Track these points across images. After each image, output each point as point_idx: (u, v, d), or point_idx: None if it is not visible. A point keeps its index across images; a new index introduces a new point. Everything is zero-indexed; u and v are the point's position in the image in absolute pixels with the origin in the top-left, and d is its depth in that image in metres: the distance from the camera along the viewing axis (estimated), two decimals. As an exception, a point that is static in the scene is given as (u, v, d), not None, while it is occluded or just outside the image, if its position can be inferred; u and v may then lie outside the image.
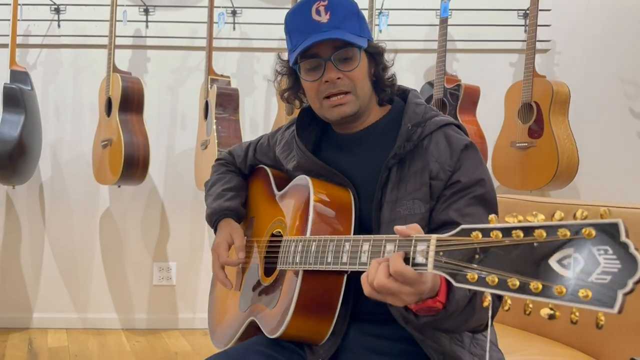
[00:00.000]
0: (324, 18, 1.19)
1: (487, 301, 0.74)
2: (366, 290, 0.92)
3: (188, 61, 3.21)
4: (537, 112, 2.81)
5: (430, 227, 1.15)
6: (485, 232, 0.72)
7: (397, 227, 0.91)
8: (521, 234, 0.68)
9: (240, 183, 1.54)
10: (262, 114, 3.23)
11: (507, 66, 3.22)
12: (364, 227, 1.21)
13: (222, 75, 2.98)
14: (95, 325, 3.22)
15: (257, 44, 3.16)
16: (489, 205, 1.15)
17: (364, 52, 1.22)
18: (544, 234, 0.66)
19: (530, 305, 0.69)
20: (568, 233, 0.64)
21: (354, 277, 1.18)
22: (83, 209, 3.24)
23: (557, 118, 2.80)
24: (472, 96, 2.93)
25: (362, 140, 1.27)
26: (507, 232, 0.70)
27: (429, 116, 1.22)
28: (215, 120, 2.83)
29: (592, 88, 3.17)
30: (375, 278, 0.90)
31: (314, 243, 1.13)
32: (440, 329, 1.08)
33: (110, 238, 3.25)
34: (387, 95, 1.29)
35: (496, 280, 0.70)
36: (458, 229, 0.76)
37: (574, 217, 0.65)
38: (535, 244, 0.67)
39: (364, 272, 0.96)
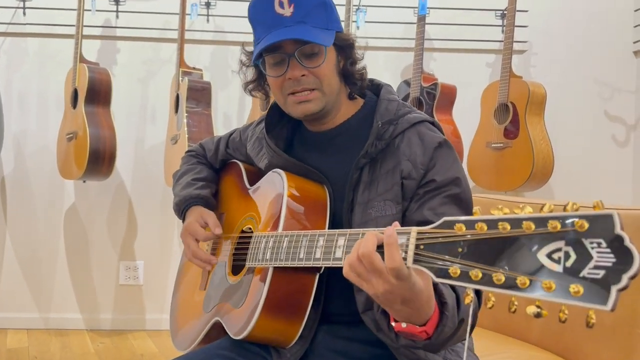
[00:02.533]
0: (287, 11, 1.12)
1: (470, 298, 0.68)
2: (344, 268, 0.86)
3: (160, 53, 3.12)
4: (513, 112, 2.80)
5: None
6: (470, 225, 0.67)
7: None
8: (508, 226, 0.63)
9: (212, 175, 1.47)
10: (235, 109, 3.15)
11: (484, 66, 3.21)
12: (335, 225, 1.15)
13: (194, 68, 2.90)
14: (57, 325, 3.09)
15: (231, 37, 3.09)
16: (464, 204, 1.10)
17: (333, 45, 1.16)
18: (533, 226, 0.61)
19: (516, 303, 0.64)
20: (558, 225, 0.59)
21: (325, 278, 1.13)
22: (47, 204, 3.12)
23: (533, 119, 2.79)
24: (448, 95, 2.91)
25: (333, 138, 1.22)
26: (492, 224, 0.64)
27: (401, 113, 1.16)
28: (185, 114, 2.74)
29: (568, 90, 3.19)
30: (351, 254, 0.84)
31: (286, 239, 1.07)
32: (415, 349, 1.03)
33: (75, 235, 3.13)
34: (358, 89, 1.22)
35: (480, 275, 0.65)
36: (440, 221, 0.71)
37: (565, 209, 0.60)
38: (522, 237, 0.62)
39: (334, 272, 0.91)
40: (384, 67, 3.10)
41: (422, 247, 0.74)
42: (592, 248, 0.55)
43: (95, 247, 3.14)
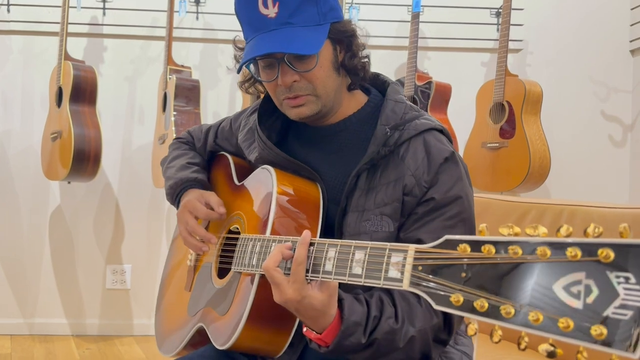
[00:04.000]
0: (272, 11, 1.03)
1: (473, 329, 0.62)
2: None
3: (148, 51, 3.04)
4: (509, 112, 2.74)
5: None
6: (475, 246, 0.60)
7: None
8: (519, 250, 0.56)
9: (204, 163, 1.39)
10: (225, 108, 3.07)
11: (479, 65, 3.15)
12: (327, 231, 1.09)
13: (182, 66, 2.82)
14: (42, 331, 3.01)
15: (221, 35, 3.01)
16: (467, 225, 1.04)
17: (328, 38, 1.07)
18: (548, 253, 0.54)
19: (526, 339, 0.57)
20: (579, 253, 0.52)
21: None
22: (31, 206, 3.03)
23: (529, 118, 2.73)
24: (443, 94, 2.85)
25: (332, 136, 1.14)
26: (502, 247, 0.58)
27: (408, 118, 1.08)
28: (174, 113, 2.66)
29: (564, 89, 3.13)
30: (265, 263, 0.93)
31: (273, 244, 1.00)
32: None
33: (61, 238, 3.04)
34: (359, 80, 1.14)
35: (486, 306, 0.58)
36: (442, 239, 0.64)
37: (585, 233, 0.54)
38: (536, 265, 0.55)
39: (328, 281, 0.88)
40: (377, 66, 2.98)
41: (420, 267, 0.67)
42: (619, 283, 0.49)
43: (81, 251, 3.05)
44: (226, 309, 1.09)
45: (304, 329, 0.95)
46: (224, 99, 3.06)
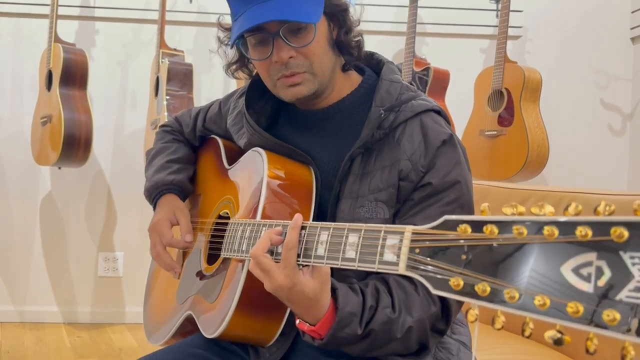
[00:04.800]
0: None
1: (474, 315, 0.58)
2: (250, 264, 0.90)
3: (140, 35, 2.98)
4: (507, 99, 2.70)
5: None
6: (477, 226, 0.56)
7: None
8: (525, 230, 0.52)
9: (188, 155, 1.34)
10: (219, 94, 3.01)
11: (478, 52, 3.10)
12: (320, 218, 1.04)
13: (175, 50, 2.76)
14: (33, 319, 2.97)
15: (215, 19, 2.93)
16: (464, 212, 0.99)
17: (323, 13, 1.02)
18: (556, 233, 0.50)
19: (531, 325, 0.53)
20: (589, 233, 0.48)
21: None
22: (21, 192, 2.98)
23: (528, 105, 2.69)
24: (441, 80, 2.80)
25: (325, 119, 1.09)
26: (505, 227, 0.54)
27: (404, 99, 1.03)
28: (166, 97, 2.61)
29: (563, 77, 3.09)
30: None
31: (263, 228, 0.96)
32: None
33: (52, 224, 3.00)
34: (353, 59, 1.09)
35: (488, 289, 0.54)
36: (441, 220, 0.60)
37: (595, 212, 0.50)
38: (542, 246, 0.51)
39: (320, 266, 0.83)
40: (375, 51, 2.97)
41: (417, 250, 0.63)
42: (634, 264, 0.45)
43: (72, 238, 3.01)
44: (215, 297, 1.06)
45: (297, 321, 0.91)
46: (217, 85, 3.01)
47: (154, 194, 1.27)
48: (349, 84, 1.10)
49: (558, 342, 0.51)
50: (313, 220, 1.03)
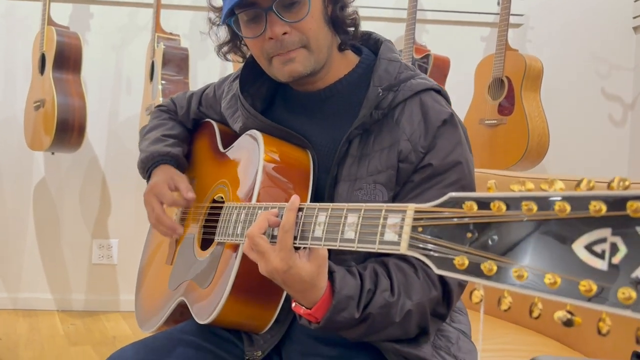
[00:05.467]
0: None
1: (478, 296, 0.55)
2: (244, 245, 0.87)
3: (136, 19, 2.93)
4: (508, 87, 2.66)
5: None
6: (483, 203, 0.53)
7: None
8: (534, 206, 0.49)
9: (184, 133, 1.31)
10: (216, 79, 2.96)
11: (478, 40, 3.07)
12: (317, 199, 1.01)
13: (171, 34, 2.71)
14: (27, 305, 2.94)
15: (213, 3, 2.89)
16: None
17: None
18: (568, 208, 0.47)
19: (540, 306, 0.50)
20: (604, 208, 0.45)
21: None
22: (15, 178, 2.94)
23: (529, 94, 2.66)
24: (441, 68, 2.76)
25: (322, 101, 1.06)
26: (514, 203, 0.51)
27: (403, 77, 1.00)
28: (162, 82, 2.57)
29: (564, 66, 3.06)
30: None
31: (259, 211, 0.93)
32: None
33: (45, 211, 2.96)
34: (350, 39, 1.06)
35: (494, 268, 0.51)
36: (445, 197, 0.57)
37: (609, 186, 0.47)
38: (553, 222, 0.48)
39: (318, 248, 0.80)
40: (373, 39, 2.93)
41: (420, 229, 0.60)
42: (653, 239, 0.42)
43: (66, 224, 2.97)
44: (208, 282, 1.03)
45: (293, 304, 0.88)
46: (214, 70, 2.96)
47: (149, 165, 1.23)
48: (345, 64, 1.06)
49: (568, 324, 0.48)
50: (312, 198, 1.00)
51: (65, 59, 2.58)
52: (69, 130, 2.55)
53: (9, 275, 2.95)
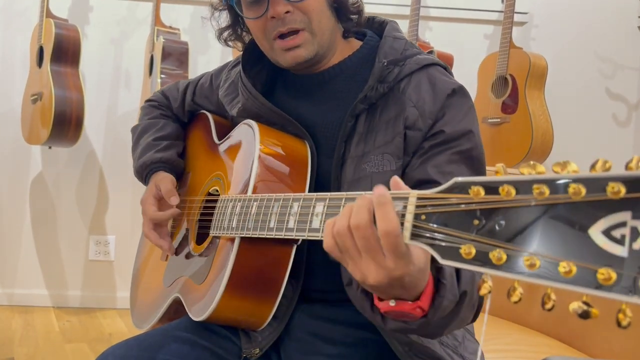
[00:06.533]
0: None
1: (487, 288, 0.51)
2: (326, 240, 0.67)
3: (135, 13, 2.90)
4: (512, 85, 2.63)
5: None
6: (491, 188, 0.49)
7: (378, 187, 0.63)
8: (546, 190, 0.46)
9: (177, 131, 1.28)
10: (216, 76, 2.94)
11: (482, 38, 3.04)
12: (322, 188, 0.98)
13: (171, 28, 2.68)
14: (22, 302, 2.91)
15: (213, -2, 2.87)
16: (476, 164, 0.92)
17: None
18: (583, 191, 0.44)
19: (553, 297, 0.47)
20: (622, 189, 0.42)
21: (306, 248, 0.97)
22: (11, 172, 2.90)
23: (533, 93, 2.63)
24: (444, 66, 2.73)
25: (325, 82, 1.03)
26: (524, 187, 0.47)
27: (409, 53, 0.97)
28: (161, 76, 2.53)
29: (569, 65, 3.03)
30: (338, 221, 0.64)
31: (255, 204, 0.90)
32: (408, 334, 0.86)
33: (42, 206, 2.93)
34: (353, 26, 1.04)
35: (504, 257, 0.48)
36: (450, 182, 0.53)
37: (627, 167, 0.43)
38: (567, 206, 0.45)
39: (316, 240, 0.74)
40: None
41: (423, 217, 0.56)
42: (680, 222, 0.38)
43: (63, 220, 2.93)
44: (204, 277, 1.00)
45: (390, 303, 0.69)
46: (214, 64, 2.91)
47: (144, 174, 1.22)
48: (349, 48, 1.04)
49: (584, 315, 0.45)
50: (311, 190, 0.97)
51: (64, 51, 2.55)
52: (66, 124, 2.52)
53: (5, 270, 2.92)
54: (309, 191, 0.97)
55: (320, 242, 0.75)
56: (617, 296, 0.41)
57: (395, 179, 0.65)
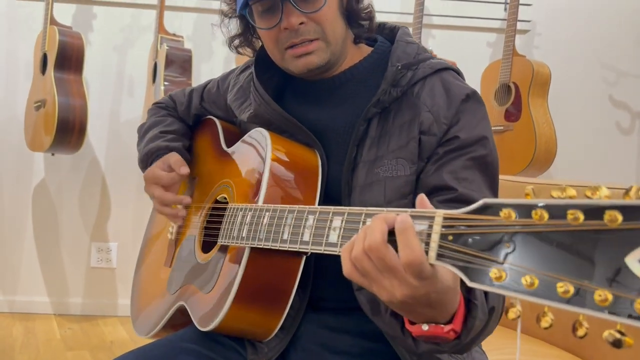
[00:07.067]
0: None
1: (515, 312, 0.51)
2: (345, 266, 0.66)
3: (139, 20, 2.90)
4: (515, 93, 2.63)
5: (418, 193, 0.91)
6: (523, 211, 0.49)
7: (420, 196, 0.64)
8: (581, 215, 0.45)
9: (183, 129, 1.26)
10: (219, 83, 2.94)
11: (485, 46, 3.04)
12: (332, 193, 0.97)
13: (174, 35, 2.68)
14: (23, 309, 2.89)
15: (217, 5, 2.85)
16: (490, 170, 0.91)
17: None
18: (619, 218, 0.43)
19: (586, 325, 0.46)
20: (661, 216, 0.41)
21: (314, 257, 0.95)
22: (14, 178, 2.89)
23: (537, 101, 2.63)
24: (448, 74, 2.73)
25: (336, 87, 1.02)
26: (557, 211, 0.47)
27: (422, 58, 0.97)
28: (165, 83, 2.53)
29: (572, 73, 3.03)
30: (355, 246, 0.64)
31: (267, 213, 0.88)
32: (439, 354, 0.85)
33: (44, 213, 2.92)
34: (364, 32, 1.03)
35: (536, 282, 0.47)
36: (479, 203, 0.53)
37: (664, 193, 0.43)
38: (603, 233, 0.44)
39: (331, 255, 0.73)
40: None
41: (450, 237, 0.55)
42: None
43: (65, 227, 2.92)
44: (211, 286, 0.99)
45: (423, 327, 0.69)
46: (217, 72, 2.86)
47: (148, 162, 1.19)
48: (360, 52, 1.04)
49: (617, 344, 0.44)
50: (321, 200, 0.96)
51: (67, 58, 2.54)
52: (69, 131, 2.51)
53: (6, 277, 2.91)
54: (319, 199, 0.97)
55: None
56: (656, 326, 0.40)
57: (422, 198, 0.65)
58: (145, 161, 1.20)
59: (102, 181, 2.95)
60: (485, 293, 0.74)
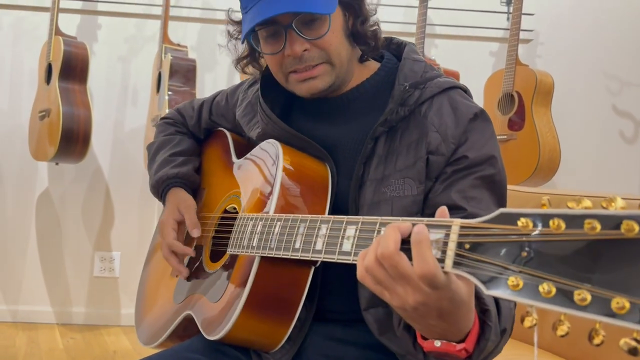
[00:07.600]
0: None
1: (531, 321, 0.51)
2: (359, 272, 0.67)
3: (143, 30, 2.91)
4: (518, 102, 2.64)
5: (426, 212, 0.91)
6: (540, 221, 0.49)
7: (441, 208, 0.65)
8: (598, 225, 0.45)
9: (193, 147, 1.27)
10: (223, 92, 2.95)
11: (487, 55, 3.05)
12: (340, 209, 0.97)
13: (179, 45, 2.69)
14: (26, 319, 2.88)
15: (220, 15, 2.88)
16: (498, 189, 0.92)
17: (337, 3, 0.97)
18: (636, 228, 0.43)
19: (603, 333, 0.46)
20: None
21: (321, 269, 0.95)
22: (18, 188, 2.90)
23: (540, 110, 2.63)
24: (451, 83, 2.74)
25: (343, 106, 1.03)
26: (575, 221, 0.47)
27: (430, 76, 0.97)
28: (168, 93, 2.54)
29: (575, 82, 3.04)
30: (368, 254, 0.65)
31: (278, 223, 0.89)
32: None
33: (48, 222, 2.92)
34: (371, 49, 1.03)
35: (553, 290, 0.47)
36: (496, 212, 0.53)
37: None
38: (620, 242, 0.44)
39: (344, 264, 0.74)
40: (382, 52, 2.91)
41: (467, 245, 0.56)
42: None
43: (68, 236, 2.92)
44: (219, 296, 0.99)
45: (423, 342, 0.70)
46: (221, 83, 2.94)
47: (160, 190, 1.21)
48: (367, 70, 1.04)
49: (633, 352, 0.44)
50: (330, 213, 0.96)
51: (72, 68, 2.56)
52: (73, 140, 2.52)
53: (9, 287, 2.90)
54: (328, 213, 0.97)
55: (335, 264, 0.76)
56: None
57: (443, 210, 0.65)
58: (157, 189, 1.21)
59: (106, 191, 2.95)
60: (499, 314, 0.74)
